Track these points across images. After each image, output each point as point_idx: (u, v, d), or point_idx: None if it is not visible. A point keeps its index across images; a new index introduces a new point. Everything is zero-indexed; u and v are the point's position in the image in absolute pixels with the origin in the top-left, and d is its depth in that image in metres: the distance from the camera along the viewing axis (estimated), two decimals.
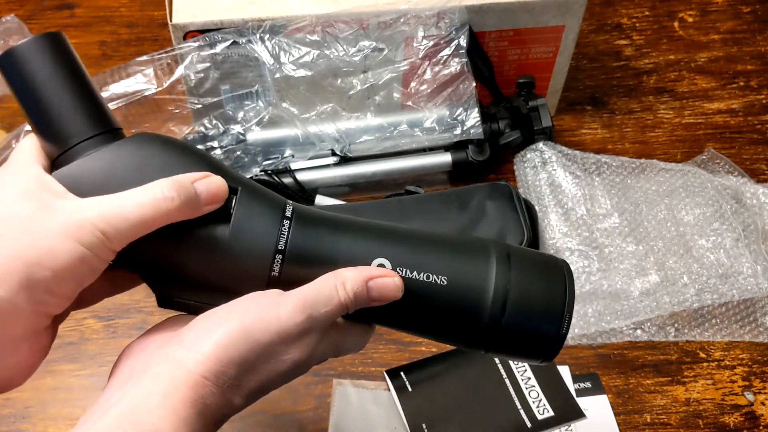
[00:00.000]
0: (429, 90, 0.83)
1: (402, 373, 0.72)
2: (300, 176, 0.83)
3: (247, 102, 0.81)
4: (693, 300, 0.77)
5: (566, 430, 0.70)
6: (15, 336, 0.41)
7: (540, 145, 0.87)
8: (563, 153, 0.87)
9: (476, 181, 0.85)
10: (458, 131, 0.83)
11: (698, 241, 0.81)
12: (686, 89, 0.99)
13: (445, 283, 0.43)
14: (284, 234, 0.43)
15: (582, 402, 0.71)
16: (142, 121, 0.79)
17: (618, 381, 0.73)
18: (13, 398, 0.71)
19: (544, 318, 0.44)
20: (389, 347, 0.75)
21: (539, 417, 0.70)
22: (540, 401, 0.71)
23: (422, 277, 0.43)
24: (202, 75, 0.79)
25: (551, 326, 0.44)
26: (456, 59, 0.81)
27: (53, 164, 0.44)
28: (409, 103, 0.84)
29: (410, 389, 0.71)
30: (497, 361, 0.73)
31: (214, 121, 0.82)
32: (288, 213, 0.44)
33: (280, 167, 0.83)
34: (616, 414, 0.71)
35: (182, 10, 0.78)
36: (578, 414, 0.70)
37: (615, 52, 1.03)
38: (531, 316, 0.44)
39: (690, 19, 1.07)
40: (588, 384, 0.73)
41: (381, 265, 0.43)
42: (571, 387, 0.72)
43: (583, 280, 0.79)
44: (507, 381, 0.72)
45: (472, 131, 0.83)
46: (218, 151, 0.81)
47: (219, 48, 0.78)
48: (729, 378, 0.74)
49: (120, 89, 0.78)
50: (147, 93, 0.78)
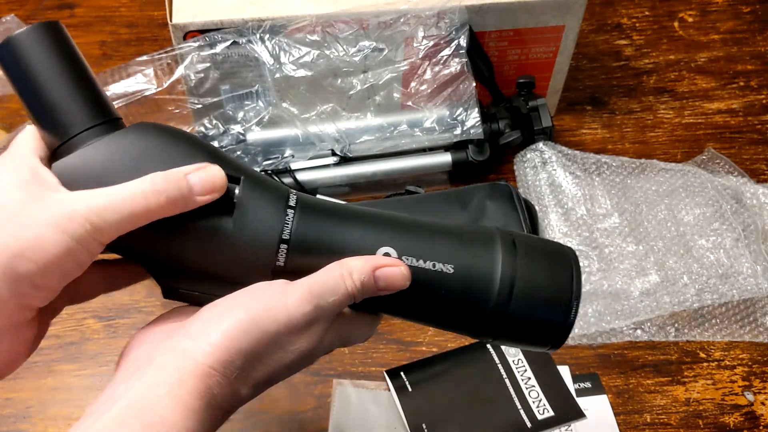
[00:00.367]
0: (429, 90, 0.83)
1: (402, 373, 0.72)
2: (300, 176, 0.83)
3: (247, 102, 0.81)
4: (693, 300, 0.77)
5: (566, 430, 0.70)
6: None
7: (540, 145, 0.87)
8: (563, 153, 0.87)
9: (476, 181, 0.85)
10: (458, 131, 0.83)
11: (698, 241, 0.81)
12: (686, 89, 0.99)
13: (452, 271, 0.43)
14: (288, 223, 0.43)
15: (582, 402, 0.71)
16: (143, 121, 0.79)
17: (618, 381, 0.74)
18: (13, 398, 0.71)
19: (552, 304, 0.44)
20: (389, 347, 0.75)
21: (539, 417, 0.70)
22: (540, 401, 0.71)
23: (428, 266, 0.43)
24: (202, 75, 0.79)
25: (559, 312, 0.44)
26: (456, 59, 0.81)
27: (53, 155, 0.44)
28: (409, 103, 0.84)
29: (410, 389, 0.71)
30: (497, 361, 0.73)
31: (214, 121, 0.82)
32: (292, 202, 0.43)
33: (280, 167, 0.83)
34: (616, 414, 0.71)
35: (182, 10, 0.78)
36: (578, 414, 0.70)
37: (615, 52, 1.03)
38: (538, 303, 0.44)
39: (690, 19, 1.07)
40: (588, 384, 0.73)
41: (387, 254, 0.43)
42: (571, 387, 0.72)
43: (583, 280, 0.79)
44: (507, 381, 0.72)
45: (472, 131, 0.83)
46: None
47: (219, 48, 0.78)
48: (729, 378, 0.74)
49: (120, 89, 0.78)
50: (147, 93, 0.78)
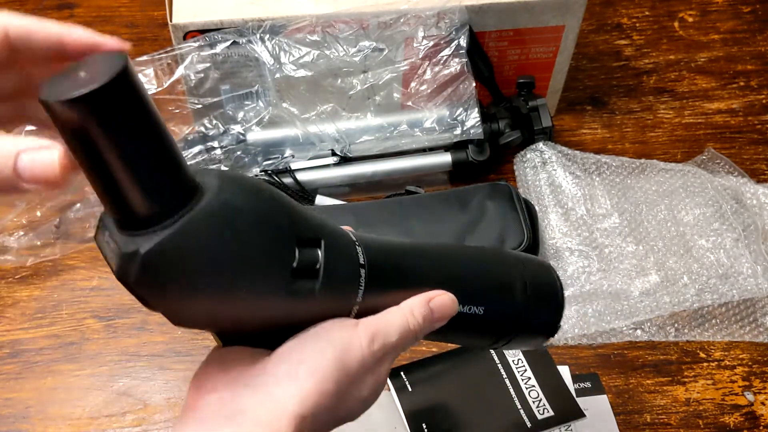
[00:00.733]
0: (429, 90, 0.83)
1: (402, 373, 0.72)
2: (300, 176, 0.83)
3: (247, 102, 0.81)
4: (693, 300, 0.77)
5: (566, 430, 0.69)
6: None
7: (540, 145, 0.87)
8: (563, 153, 0.87)
9: (476, 181, 0.85)
10: (458, 131, 0.83)
11: (698, 241, 0.81)
12: (686, 89, 0.99)
13: (482, 313, 0.50)
14: (362, 285, 0.44)
15: (582, 402, 0.71)
16: None
17: (618, 381, 0.73)
18: (13, 398, 0.71)
19: (552, 302, 0.55)
20: None
21: (539, 417, 0.70)
22: (540, 401, 0.71)
23: (464, 309, 0.49)
24: (202, 75, 0.79)
25: (557, 307, 0.56)
26: (456, 59, 0.81)
27: (118, 222, 0.36)
28: (409, 103, 0.84)
29: (410, 389, 0.71)
30: (497, 361, 0.73)
31: (214, 121, 0.82)
32: (362, 260, 0.44)
33: (280, 167, 0.83)
34: (616, 414, 0.71)
35: (182, 10, 0.78)
36: (578, 414, 0.70)
37: (615, 52, 1.03)
38: (541, 324, 0.55)
39: (690, 19, 1.07)
40: (588, 384, 0.73)
41: None
42: (571, 387, 0.72)
43: (583, 280, 0.79)
44: (507, 381, 0.72)
45: (472, 131, 0.83)
46: (218, 151, 0.81)
47: (219, 48, 0.78)
48: (729, 378, 0.74)
49: None
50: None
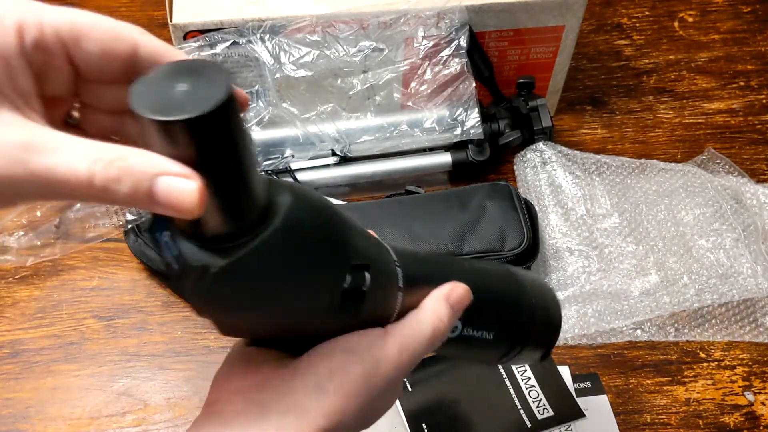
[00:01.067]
0: (429, 90, 0.83)
1: None
2: (300, 176, 0.83)
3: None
4: (693, 300, 0.77)
5: (566, 430, 0.70)
6: None
7: (540, 145, 0.87)
8: (563, 153, 0.87)
9: (476, 181, 0.85)
10: (458, 131, 0.83)
11: (698, 241, 0.81)
12: (686, 89, 0.99)
13: (491, 338, 0.51)
14: (398, 304, 0.44)
15: (582, 402, 0.71)
16: None
17: (618, 381, 0.73)
18: (13, 398, 0.71)
19: (554, 319, 0.56)
20: None
21: (539, 417, 0.70)
22: (540, 401, 0.71)
23: (476, 333, 0.50)
24: None
25: (548, 351, 0.57)
26: (456, 59, 0.81)
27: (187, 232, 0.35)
28: (409, 104, 0.84)
29: (410, 389, 0.71)
30: None
31: None
32: (400, 283, 0.44)
33: (280, 167, 0.83)
34: (616, 414, 0.71)
35: (182, 10, 0.78)
36: (578, 414, 0.70)
37: (615, 52, 1.03)
38: (540, 348, 0.56)
39: (690, 19, 1.07)
40: (588, 384, 0.73)
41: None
42: (571, 387, 0.72)
43: (583, 280, 0.79)
44: (507, 381, 0.72)
45: (472, 131, 0.83)
46: None
47: (219, 48, 0.78)
48: (729, 378, 0.74)
49: None
50: None
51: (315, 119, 0.82)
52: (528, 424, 0.69)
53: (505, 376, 0.72)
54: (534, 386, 0.72)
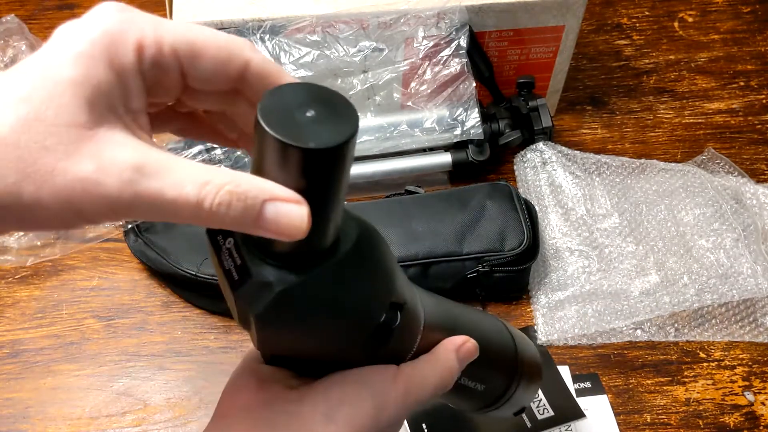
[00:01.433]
0: (429, 90, 0.83)
1: None
2: None
3: None
4: (693, 300, 0.77)
5: (566, 430, 0.69)
6: None
7: (540, 145, 0.87)
8: (563, 153, 0.87)
9: (476, 181, 0.85)
10: (458, 131, 0.83)
11: (698, 242, 0.81)
12: (686, 89, 0.99)
13: (481, 389, 0.52)
14: (415, 347, 0.45)
15: (582, 402, 0.71)
16: None
17: (618, 381, 0.73)
18: (13, 398, 0.71)
19: (527, 404, 0.59)
20: None
21: (539, 417, 0.70)
22: (540, 401, 0.71)
23: (468, 383, 0.51)
24: None
25: (524, 408, 0.59)
26: (456, 59, 0.81)
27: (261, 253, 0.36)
28: (409, 104, 0.84)
29: None
30: None
31: None
32: (421, 326, 0.45)
33: None
34: (616, 414, 0.71)
35: (182, 10, 0.78)
36: (578, 414, 0.70)
37: (615, 52, 1.03)
38: (521, 401, 0.58)
39: (690, 19, 1.07)
40: (588, 384, 0.73)
41: None
42: (571, 387, 0.72)
43: (583, 280, 0.79)
44: None
45: (472, 131, 0.83)
46: (218, 151, 0.81)
47: None
48: (729, 378, 0.74)
49: None
50: None
51: None
52: (528, 424, 0.69)
53: None
54: None
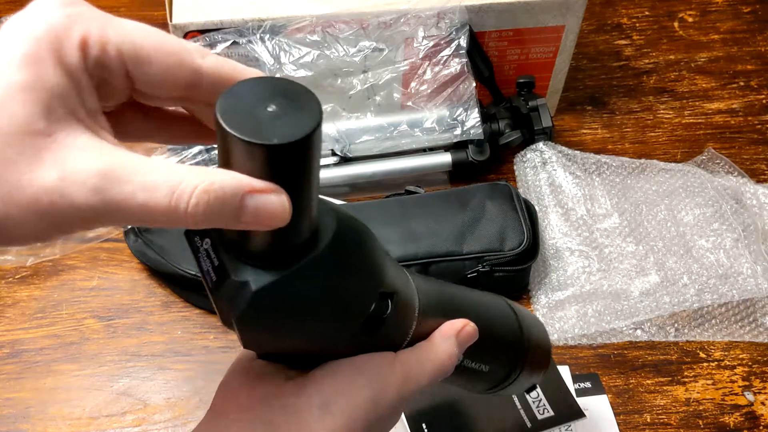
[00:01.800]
0: (429, 90, 0.83)
1: None
2: None
3: None
4: (693, 300, 0.77)
5: (566, 430, 0.69)
6: None
7: (540, 145, 0.87)
8: (563, 153, 0.87)
9: (476, 181, 0.85)
10: (458, 131, 0.83)
11: (698, 242, 0.81)
12: (686, 89, 0.99)
13: (486, 370, 0.52)
14: (410, 335, 0.44)
15: (582, 402, 0.71)
16: None
17: (618, 381, 0.73)
18: (13, 398, 0.71)
19: (536, 382, 0.59)
20: None
21: (539, 417, 0.70)
22: (540, 401, 0.71)
23: (473, 365, 0.51)
24: None
25: (534, 386, 0.60)
26: (456, 59, 0.81)
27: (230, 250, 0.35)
28: (409, 104, 0.84)
29: None
30: None
31: None
32: (416, 312, 0.45)
33: None
34: (616, 414, 0.71)
35: (182, 10, 0.78)
36: (578, 414, 0.70)
37: (615, 52, 1.03)
38: (530, 379, 0.58)
39: (690, 19, 1.07)
40: (588, 384, 0.73)
41: None
42: (571, 387, 0.72)
43: (583, 280, 0.79)
44: None
45: (472, 131, 0.83)
46: None
47: (219, 48, 0.78)
48: (729, 378, 0.74)
49: None
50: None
51: None
52: (528, 424, 0.69)
53: None
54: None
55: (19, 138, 0.29)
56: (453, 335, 0.46)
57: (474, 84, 0.82)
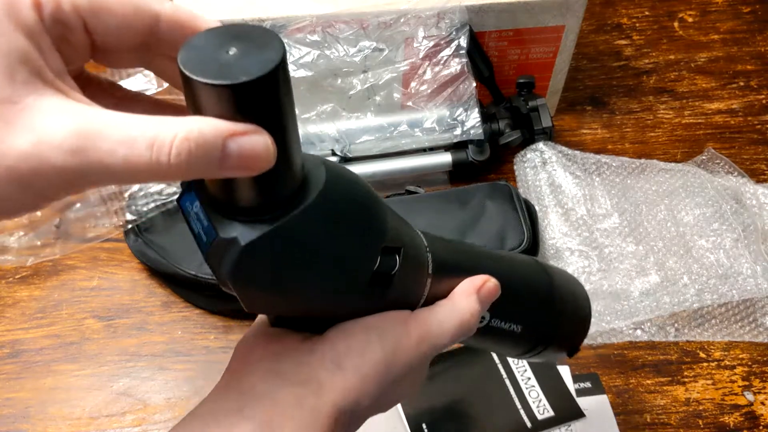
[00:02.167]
0: (429, 90, 0.83)
1: None
2: None
3: None
4: (693, 300, 0.77)
5: (566, 430, 0.70)
6: None
7: (540, 145, 0.87)
8: (563, 153, 0.87)
9: (476, 181, 0.85)
10: (458, 131, 0.83)
11: (698, 242, 0.81)
12: (686, 89, 0.99)
13: (518, 331, 0.50)
14: (425, 293, 0.44)
15: (582, 402, 0.71)
16: None
17: (618, 381, 0.73)
18: (13, 398, 0.71)
19: (578, 342, 0.56)
20: None
21: (539, 417, 0.70)
22: (540, 401, 0.71)
23: (504, 325, 0.49)
24: None
25: (576, 347, 0.56)
26: (456, 59, 0.81)
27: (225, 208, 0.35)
28: (410, 104, 0.84)
29: None
30: (497, 361, 0.73)
31: None
32: (430, 269, 0.43)
33: None
34: (616, 414, 0.71)
35: None
36: (578, 414, 0.70)
37: (615, 52, 1.03)
38: (571, 339, 0.56)
39: (690, 19, 1.07)
40: (588, 384, 0.73)
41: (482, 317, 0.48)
42: (571, 387, 0.72)
43: (583, 280, 0.79)
44: (507, 381, 0.72)
45: (472, 131, 0.83)
46: None
47: None
48: (729, 378, 0.74)
49: None
50: (147, 93, 0.78)
51: (315, 119, 0.82)
52: (528, 424, 0.69)
53: (505, 376, 0.72)
54: (534, 386, 0.72)
55: None
56: (474, 291, 0.44)
57: (474, 84, 0.82)
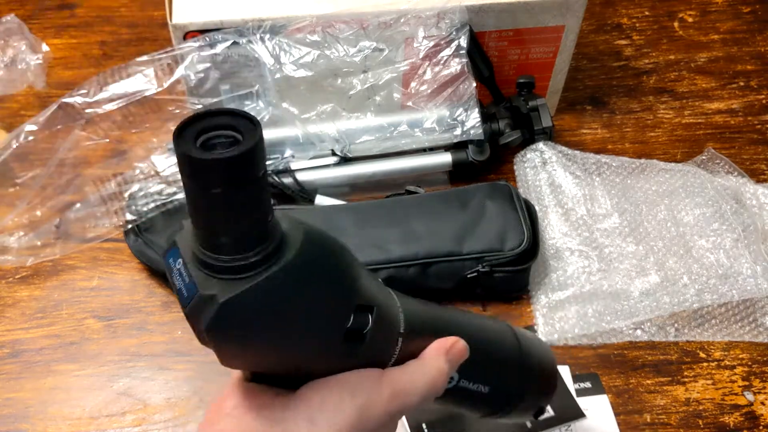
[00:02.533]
0: (429, 90, 0.83)
1: None
2: (300, 176, 0.83)
3: (247, 102, 0.81)
4: (693, 300, 0.77)
5: (566, 430, 0.69)
6: None
7: (540, 145, 0.87)
8: (563, 153, 0.87)
9: (476, 181, 0.85)
10: (458, 131, 0.83)
11: (698, 242, 0.81)
12: (686, 89, 0.99)
13: (486, 392, 0.52)
14: (396, 352, 0.44)
15: (582, 402, 0.71)
16: (143, 122, 0.79)
17: (618, 381, 0.73)
18: (13, 398, 0.71)
19: (542, 406, 0.59)
20: None
21: (539, 417, 0.70)
22: None
23: (472, 386, 0.51)
24: (203, 75, 0.79)
25: (542, 410, 0.59)
26: (456, 59, 0.81)
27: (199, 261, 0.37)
28: (410, 104, 0.84)
29: None
30: None
31: None
32: (402, 329, 0.44)
33: (280, 167, 0.83)
34: (616, 414, 0.71)
35: (182, 10, 0.78)
36: (578, 414, 0.70)
37: (615, 52, 1.03)
38: (537, 402, 0.58)
39: (690, 19, 1.07)
40: (588, 384, 0.73)
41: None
42: (571, 387, 0.72)
43: (583, 280, 0.79)
44: None
45: (472, 131, 0.83)
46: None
47: (219, 48, 0.78)
48: (729, 378, 0.74)
49: (120, 89, 0.78)
50: (147, 93, 0.78)
51: (315, 119, 0.82)
52: (528, 425, 0.69)
53: None
54: None
55: None
56: (443, 352, 0.46)
57: (474, 84, 0.82)
